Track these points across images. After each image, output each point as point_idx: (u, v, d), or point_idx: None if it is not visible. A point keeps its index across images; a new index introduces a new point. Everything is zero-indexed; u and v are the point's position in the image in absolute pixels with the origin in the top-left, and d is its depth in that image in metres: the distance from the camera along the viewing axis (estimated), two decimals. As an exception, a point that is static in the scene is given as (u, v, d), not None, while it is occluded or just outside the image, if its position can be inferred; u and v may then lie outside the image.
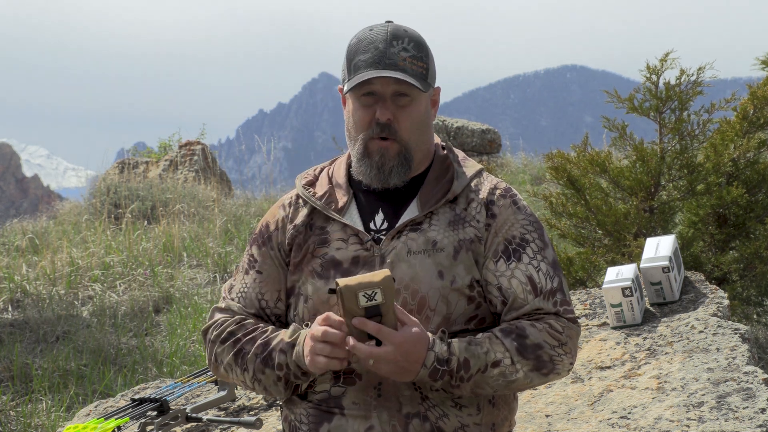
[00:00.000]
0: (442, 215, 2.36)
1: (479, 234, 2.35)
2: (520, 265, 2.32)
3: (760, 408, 3.04)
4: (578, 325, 2.35)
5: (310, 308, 2.35)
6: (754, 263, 4.97)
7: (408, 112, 2.33)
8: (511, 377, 2.25)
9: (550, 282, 2.33)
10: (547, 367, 2.28)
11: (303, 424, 2.34)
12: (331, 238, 2.37)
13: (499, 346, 2.25)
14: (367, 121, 2.34)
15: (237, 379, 2.40)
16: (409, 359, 2.18)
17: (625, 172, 5.15)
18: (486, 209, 2.37)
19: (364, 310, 2.16)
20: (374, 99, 2.33)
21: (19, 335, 6.64)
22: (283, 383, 2.33)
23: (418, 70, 2.32)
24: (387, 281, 2.17)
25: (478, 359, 2.23)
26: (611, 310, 3.73)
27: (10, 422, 5.40)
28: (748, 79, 6.61)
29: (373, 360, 2.17)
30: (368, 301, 2.16)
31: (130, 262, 8.16)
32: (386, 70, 2.29)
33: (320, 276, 2.35)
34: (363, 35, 2.35)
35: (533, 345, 2.26)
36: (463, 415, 2.31)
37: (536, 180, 11.96)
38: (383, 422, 2.27)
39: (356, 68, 2.32)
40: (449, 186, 2.38)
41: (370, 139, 2.34)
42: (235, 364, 2.37)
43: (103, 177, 11.69)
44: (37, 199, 54.64)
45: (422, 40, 2.36)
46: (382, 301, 2.17)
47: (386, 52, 2.30)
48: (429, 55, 2.36)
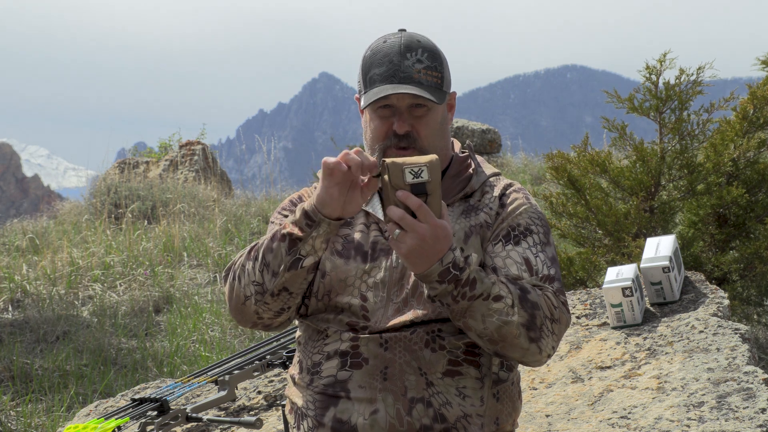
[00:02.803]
0: (456, 207, 2.41)
1: (489, 220, 2.39)
2: (518, 248, 2.35)
3: (760, 408, 3.05)
4: (569, 315, 2.35)
5: (327, 284, 2.37)
6: (754, 263, 4.98)
7: (425, 122, 2.37)
8: (507, 318, 2.22)
9: (547, 269, 2.34)
10: (536, 332, 2.25)
11: (309, 410, 2.36)
12: (356, 221, 2.42)
13: (504, 287, 2.25)
14: (384, 132, 2.38)
15: (247, 280, 2.34)
16: (434, 247, 2.15)
17: (625, 172, 5.15)
18: (499, 200, 2.42)
19: (410, 186, 2.13)
20: (391, 111, 2.36)
21: (19, 335, 6.64)
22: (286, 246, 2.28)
23: (433, 81, 2.35)
24: (435, 163, 2.14)
25: (484, 284, 2.21)
26: (611, 310, 3.73)
27: (10, 422, 5.40)
28: (748, 79, 6.61)
29: (399, 233, 2.13)
30: (414, 178, 2.13)
31: (130, 262, 8.17)
32: (402, 85, 2.32)
33: (340, 254, 2.38)
34: (377, 47, 2.38)
35: (532, 302, 2.25)
36: (466, 405, 2.32)
37: (536, 180, 11.96)
38: (388, 405, 2.29)
39: (371, 82, 2.35)
40: (467, 182, 2.44)
41: (388, 148, 2.37)
42: (247, 258, 2.34)
43: (104, 177, 11.70)
44: (37, 199, 54.65)
45: (436, 49, 2.38)
46: (429, 179, 2.13)
47: (401, 65, 2.33)
48: (443, 63, 2.39)
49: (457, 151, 2.51)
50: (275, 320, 2.40)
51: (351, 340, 2.33)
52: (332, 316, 2.37)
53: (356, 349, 2.31)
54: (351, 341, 2.33)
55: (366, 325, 2.33)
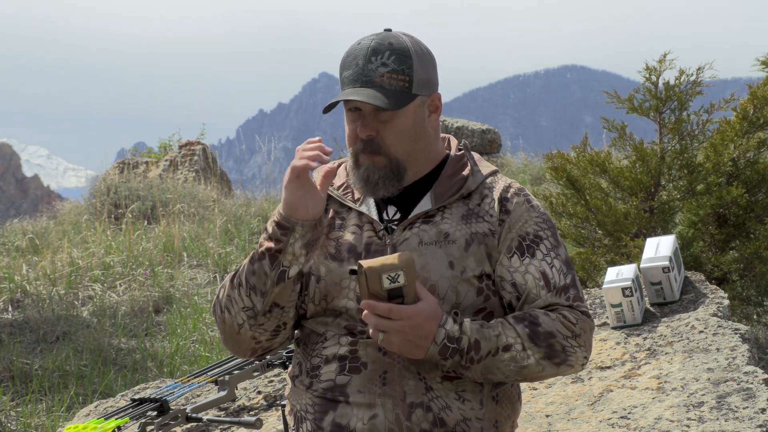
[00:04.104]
0: (455, 209, 2.38)
1: (492, 228, 2.37)
2: (534, 261, 2.34)
3: (760, 408, 3.05)
4: (592, 320, 2.36)
5: (322, 289, 2.36)
6: (754, 263, 4.98)
7: (390, 127, 2.34)
8: (523, 363, 2.26)
9: (563, 278, 2.35)
10: (560, 356, 2.29)
11: (309, 413, 2.36)
12: (347, 223, 2.40)
13: (510, 331, 2.26)
14: (354, 136, 2.37)
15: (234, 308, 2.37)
16: (419, 334, 2.20)
17: (625, 172, 5.15)
18: (500, 205, 2.39)
19: (387, 292, 2.17)
20: (359, 114, 2.35)
21: (19, 335, 6.64)
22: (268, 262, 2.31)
23: (397, 84, 2.31)
24: (409, 263, 2.18)
25: (489, 341, 2.24)
26: (611, 310, 3.73)
27: (10, 422, 5.40)
28: (748, 79, 6.61)
29: (383, 336, 2.19)
30: (391, 283, 2.17)
31: (130, 262, 8.16)
32: (362, 88, 2.30)
33: (334, 258, 2.37)
34: (351, 48, 2.37)
35: (545, 333, 2.27)
36: (465, 408, 2.31)
37: (536, 180, 11.96)
38: (387, 410, 2.28)
39: (342, 84, 2.35)
40: (464, 182, 2.41)
41: (360, 153, 2.37)
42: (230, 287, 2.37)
43: (103, 177, 11.69)
44: (37, 199, 54.65)
45: (407, 51, 2.33)
46: (405, 283, 2.18)
47: (364, 69, 2.31)
48: (413, 66, 2.33)
49: (454, 150, 2.48)
50: (274, 341, 2.41)
51: (350, 344, 2.32)
52: (331, 320, 2.37)
53: (355, 354, 2.31)
54: (350, 345, 2.32)
55: (364, 329, 2.32)
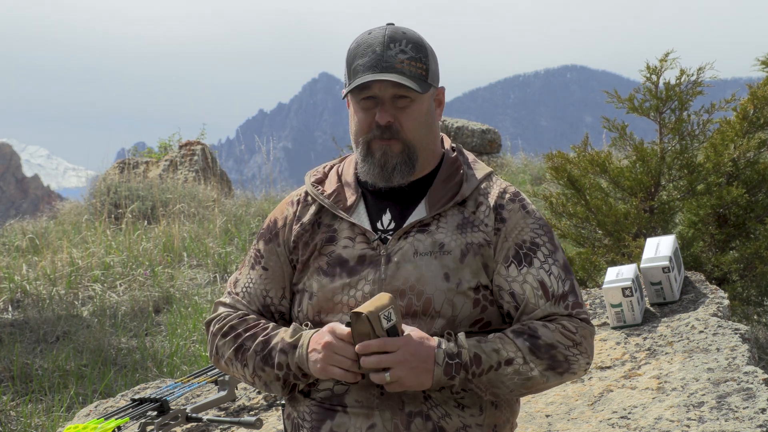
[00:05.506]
0: (450, 218, 2.36)
1: (488, 238, 2.34)
2: (532, 269, 2.33)
3: (760, 408, 3.05)
4: (592, 326, 2.35)
5: (315, 305, 2.36)
6: (754, 263, 4.98)
7: (408, 113, 2.33)
8: (527, 375, 2.26)
9: (562, 285, 2.34)
10: (562, 366, 2.29)
11: (306, 421, 2.35)
12: (339, 236, 2.38)
13: (510, 345, 2.26)
14: (368, 124, 2.34)
15: (237, 374, 2.42)
16: (419, 357, 2.20)
17: (625, 172, 5.15)
18: (495, 213, 2.37)
19: (387, 331, 2.20)
20: (374, 102, 2.33)
21: (19, 335, 6.64)
22: (282, 382, 2.35)
23: (416, 72, 2.32)
24: (393, 300, 2.21)
25: (489, 356, 2.24)
26: (611, 310, 3.73)
27: (10, 422, 5.40)
28: (748, 79, 6.61)
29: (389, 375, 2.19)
30: (388, 322, 2.20)
31: (130, 262, 8.16)
32: (384, 73, 2.29)
33: (326, 273, 2.35)
34: (362, 39, 2.35)
35: (546, 345, 2.27)
36: (465, 415, 2.30)
37: (536, 180, 11.96)
38: (386, 420, 2.27)
39: (355, 72, 2.32)
40: (458, 188, 2.38)
41: (373, 140, 2.34)
42: (236, 359, 2.39)
43: (104, 177, 11.69)
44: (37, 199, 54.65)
45: (422, 41, 2.35)
46: (396, 320, 2.21)
47: (383, 55, 2.30)
48: (429, 56, 2.35)
49: (448, 148, 2.46)
50: None
51: None
52: None
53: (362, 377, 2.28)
54: None
55: None
